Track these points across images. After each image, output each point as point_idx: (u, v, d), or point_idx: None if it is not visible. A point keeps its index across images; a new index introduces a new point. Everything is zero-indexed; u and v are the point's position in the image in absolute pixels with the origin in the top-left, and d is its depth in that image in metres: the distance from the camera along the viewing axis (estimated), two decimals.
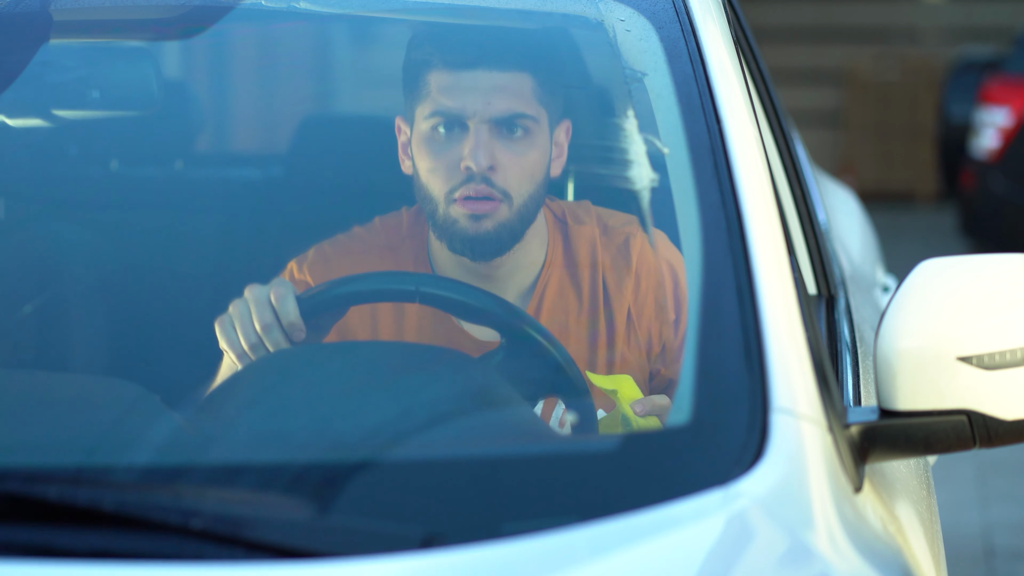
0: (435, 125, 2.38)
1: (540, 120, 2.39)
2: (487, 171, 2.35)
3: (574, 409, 2.28)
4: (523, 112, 2.37)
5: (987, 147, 9.56)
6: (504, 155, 2.36)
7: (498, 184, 2.36)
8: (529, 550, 1.65)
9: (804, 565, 1.69)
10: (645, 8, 2.31)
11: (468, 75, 2.37)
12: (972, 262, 1.98)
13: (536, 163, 2.39)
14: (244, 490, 1.75)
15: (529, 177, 2.39)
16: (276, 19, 2.64)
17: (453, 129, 2.37)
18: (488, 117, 2.36)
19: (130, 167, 3.04)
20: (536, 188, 2.40)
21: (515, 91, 2.38)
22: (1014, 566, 5.27)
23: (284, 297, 2.25)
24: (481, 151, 2.35)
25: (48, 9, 2.49)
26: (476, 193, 2.35)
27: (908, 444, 1.94)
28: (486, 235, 2.37)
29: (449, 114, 2.36)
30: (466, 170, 2.35)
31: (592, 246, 2.49)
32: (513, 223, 2.38)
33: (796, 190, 3.14)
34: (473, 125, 2.36)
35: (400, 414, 1.97)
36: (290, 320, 2.25)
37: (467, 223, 2.36)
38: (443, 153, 2.37)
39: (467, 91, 2.36)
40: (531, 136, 2.38)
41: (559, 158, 2.44)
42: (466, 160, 2.35)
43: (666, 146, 2.13)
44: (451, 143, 2.37)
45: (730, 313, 1.88)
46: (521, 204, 2.38)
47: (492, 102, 2.36)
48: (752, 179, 2.03)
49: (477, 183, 2.35)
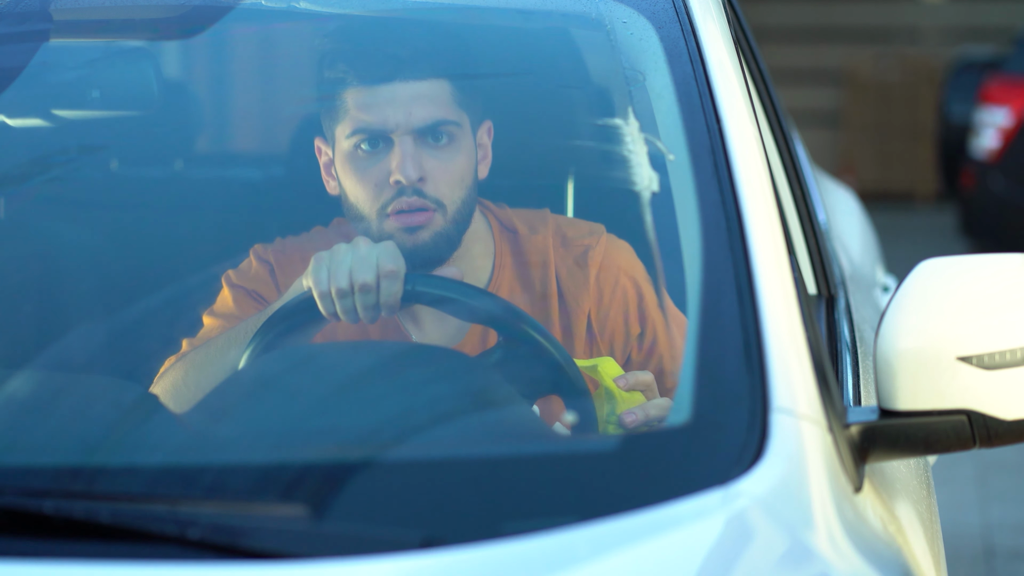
0: (357, 143, 2.36)
1: (463, 124, 2.38)
2: (417, 183, 2.33)
3: (573, 408, 2.28)
4: (445, 119, 2.36)
5: (987, 147, 9.55)
6: (432, 164, 2.35)
7: (430, 194, 2.35)
8: (529, 550, 1.65)
9: (804, 565, 1.69)
10: (645, 8, 2.31)
11: (385, 88, 2.35)
12: (972, 262, 1.98)
13: (464, 168, 2.38)
14: (243, 490, 1.75)
15: (459, 183, 2.37)
16: (276, 19, 2.64)
17: (377, 145, 2.35)
18: (411, 128, 2.34)
19: (130, 167, 3.04)
20: (467, 192, 2.39)
21: (434, 98, 2.36)
22: (1014, 566, 5.27)
23: (393, 277, 2.24)
24: (409, 163, 2.33)
25: (48, 9, 2.49)
26: (409, 206, 2.34)
27: (908, 444, 1.94)
28: (424, 246, 2.35)
29: (371, 130, 2.35)
30: (395, 184, 2.34)
31: (544, 256, 2.47)
32: (449, 231, 2.37)
33: (796, 190, 3.14)
34: (397, 138, 2.34)
35: (399, 414, 1.97)
36: (389, 302, 2.24)
37: (403, 237, 2.34)
38: (369, 169, 2.35)
39: (386, 104, 2.34)
40: (456, 142, 2.37)
41: (485, 159, 2.43)
42: (395, 174, 2.33)
43: (666, 146, 2.13)
44: (376, 158, 2.35)
45: (730, 313, 1.88)
46: (455, 211, 2.37)
47: (413, 112, 2.34)
48: (752, 179, 2.03)
49: (408, 196, 2.34)
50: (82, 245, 2.83)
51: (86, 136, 2.83)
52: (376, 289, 2.24)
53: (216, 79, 3.78)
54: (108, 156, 2.96)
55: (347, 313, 2.25)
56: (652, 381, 2.27)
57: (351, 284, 2.24)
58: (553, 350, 2.25)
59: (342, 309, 2.24)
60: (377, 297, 2.24)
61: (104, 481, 1.79)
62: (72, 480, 1.79)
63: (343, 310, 2.24)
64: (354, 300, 2.24)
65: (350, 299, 2.24)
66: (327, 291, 2.24)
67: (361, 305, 2.24)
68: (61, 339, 2.64)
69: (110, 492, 1.76)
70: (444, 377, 2.13)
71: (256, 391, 2.12)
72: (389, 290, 2.24)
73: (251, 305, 2.41)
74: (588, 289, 2.44)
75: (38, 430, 1.94)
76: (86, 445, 1.88)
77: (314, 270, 2.25)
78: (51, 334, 2.63)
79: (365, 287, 2.24)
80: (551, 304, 2.44)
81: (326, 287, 2.24)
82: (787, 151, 3.20)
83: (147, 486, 1.77)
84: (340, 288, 2.24)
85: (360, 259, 2.24)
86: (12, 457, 1.87)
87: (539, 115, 2.67)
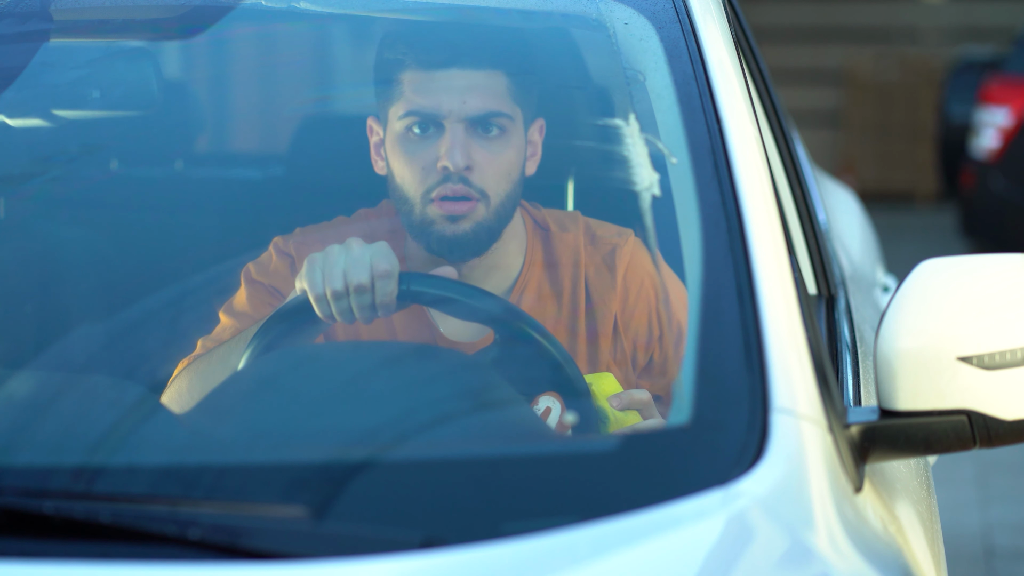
0: (409, 125, 2.36)
1: (515, 119, 2.38)
2: (464, 171, 2.34)
3: (572, 407, 2.28)
4: (499, 111, 2.36)
5: (987, 147, 9.55)
6: (480, 154, 2.35)
7: (475, 184, 2.35)
8: (529, 550, 1.65)
9: (804, 565, 1.69)
10: (645, 8, 2.31)
11: (442, 74, 2.36)
12: (972, 262, 1.98)
13: (512, 162, 2.38)
14: (243, 490, 1.75)
15: (506, 176, 2.38)
16: (276, 19, 2.64)
17: (428, 129, 2.36)
18: (464, 116, 2.35)
19: (130, 167, 3.04)
20: (512, 187, 2.39)
21: (490, 89, 2.36)
22: (1014, 566, 5.27)
23: (388, 277, 2.24)
24: (458, 150, 2.33)
25: (48, 9, 2.49)
26: (453, 193, 2.34)
27: (908, 444, 1.94)
28: (464, 235, 2.35)
29: (424, 113, 2.35)
30: (443, 170, 2.34)
31: (575, 253, 2.47)
32: (491, 222, 2.37)
33: (796, 190, 3.14)
34: (449, 124, 2.35)
35: (399, 414, 1.97)
36: (384, 302, 2.24)
37: (444, 224, 2.35)
38: (418, 153, 2.36)
39: (442, 90, 2.35)
40: (507, 135, 2.37)
41: (533, 156, 2.43)
42: (443, 160, 2.34)
43: (665, 145, 2.13)
44: (426, 143, 2.36)
45: (730, 313, 1.88)
46: (498, 203, 2.37)
47: (467, 101, 2.34)
48: (752, 179, 2.02)
49: (454, 183, 2.34)
50: (82, 245, 2.83)
51: (86, 136, 2.83)
52: (371, 290, 2.24)
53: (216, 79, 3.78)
54: (108, 156, 2.96)
55: (343, 315, 2.25)
56: (649, 400, 2.26)
57: (346, 286, 2.24)
58: (551, 348, 2.25)
59: (338, 311, 2.24)
60: (373, 298, 2.24)
61: (104, 481, 1.79)
62: (72, 480, 1.79)
63: (339, 312, 2.24)
64: (350, 302, 2.24)
65: (346, 301, 2.24)
66: (322, 294, 2.24)
67: (357, 306, 2.24)
68: (62, 339, 2.64)
69: (110, 492, 1.76)
70: (444, 377, 2.13)
71: (256, 391, 2.12)
72: (384, 290, 2.24)
73: (266, 303, 2.41)
74: (615, 289, 2.44)
75: (38, 430, 1.94)
76: (86, 445, 1.88)
77: (308, 272, 2.25)
78: (51, 334, 2.63)
79: (360, 288, 2.24)
80: (579, 302, 2.44)
81: (321, 290, 2.24)
82: (787, 151, 3.21)
83: (147, 486, 1.77)
84: (335, 290, 2.24)
85: (354, 260, 2.24)
86: (12, 457, 1.86)
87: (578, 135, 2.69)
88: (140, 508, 1.72)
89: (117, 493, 1.76)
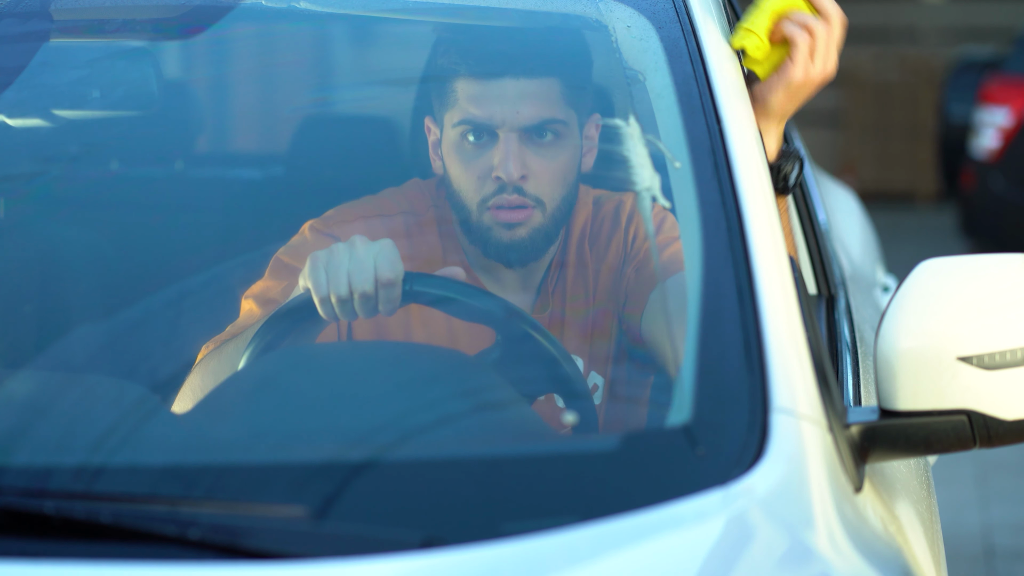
0: (464, 133, 2.38)
1: (570, 123, 2.40)
2: (519, 180, 2.35)
3: (572, 407, 2.28)
4: (553, 118, 2.38)
5: (987, 147, 9.55)
6: (535, 162, 2.36)
7: (530, 192, 2.36)
8: (529, 550, 1.64)
9: (804, 565, 1.69)
10: (645, 8, 2.31)
11: (496, 84, 2.37)
12: (972, 262, 1.98)
13: (567, 166, 2.40)
14: (243, 490, 1.75)
15: (561, 181, 2.39)
16: (276, 19, 2.64)
17: (482, 138, 2.37)
18: (518, 126, 2.36)
19: (130, 167, 3.04)
20: (568, 190, 2.41)
21: (544, 97, 2.37)
22: (1014, 566, 5.27)
23: (392, 287, 2.23)
24: (512, 161, 2.35)
25: (48, 9, 2.48)
26: (509, 203, 2.36)
27: (908, 444, 1.94)
28: (521, 242, 2.38)
29: (477, 123, 2.36)
30: (497, 180, 2.36)
31: (585, 222, 2.48)
32: (548, 228, 2.39)
33: (796, 190, 3.14)
34: (503, 134, 2.36)
35: (399, 414, 1.97)
36: (387, 308, 2.24)
37: (501, 231, 2.37)
38: (473, 161, 2.37)
39: (495, 100, 2.36)
40: (561, 139, 2.38)
41: (590, 152, 2.45)
42: (497, 170, 2.35)
43: (665, 145, 2.13)
44: (481, 151, 2.37)
45: (730, 313, 1.88)
46: (554, 208, 2.39)
47: (521, 111, 2.36)
48: (752, 179, 2.02)
49: (509, 193, 2.35)
50: (82, 245, 2.83)
51: (86, 136, 2.83)
52: (375, 296, 2.23)
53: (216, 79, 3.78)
54: (108, 156, 2.96)
55: (347, 316, 2.25)
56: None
57: (350, 291, 2.23)
58: (552, 349, 2.25)
59: (341, 312, 2.24)
60: (376, 302, 2.24)
61: (104, 481, 1.79)
62: (72, 480, 1.79)
63: (342, 313, 2.24)
64: (353, 304, 2.23)
65: (349, 304, 2.23)
66: (326, 296, 2.23)
67: (361, 308, 2.24)
68: (61, 339, 2.64)
69: (110, 492, 1.76)
70: (444, 377, 2.13)
71: (256, 391, 2.12)
72: (387, 297, 2.24)
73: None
74: (620, 232, 2.45)
75: (38, 430, 1.94)
76: (86, 445, 1.88)
77: (312, 273, 2.24)
78: (51, 334, 2.63)
79: (364, 295, 2.23)
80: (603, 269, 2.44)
81: (325, 292, 2.23)
82: None
83: (147, 486, 1.77)
84: (340, 296, 2.23)
85: (358, 263, 2.23)
86: (12, 457, 1.86)
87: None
88: (140, 508, 1.72)
89: (117, 493, 1.75)
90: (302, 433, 1.95)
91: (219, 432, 2.02)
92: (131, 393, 2.12)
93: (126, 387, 2.21)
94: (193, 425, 2.06)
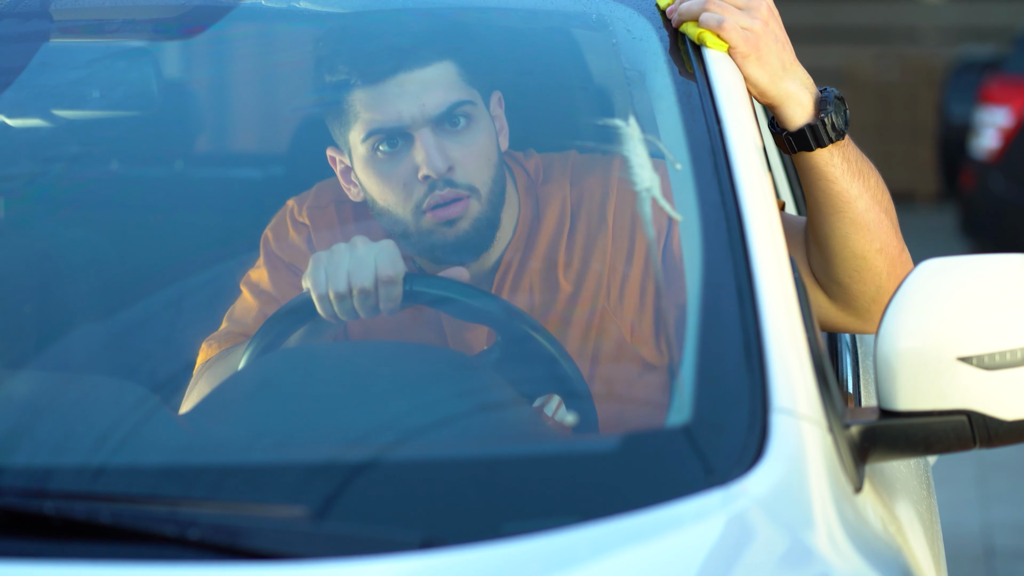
0: (375, 145, 2.30)
1: (476, 101, 2.32)
2: (447, 173, 2.28)
3: (572, 407, 2.27)
4: (459, 99, 2.30)
5: (987, 147, 9.55)
6: (456, 151, 2.29)
7: (460, 182, 2.29)
8: (529, 550, 1.64)
9: (804, 565, 1.69)
10: (645, 8, 2.31)
11: (391, 83, 2.29)
12: (972, 262, 1.98)
13: (488, 146, 2.33)
14: (243, 490, 1.75)
15: (487, 162, 2.32)
16: (276, 19, 2.63)
17: (396, 143, 2.29)
18: (428, 118, 2.28)
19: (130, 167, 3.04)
20: (496, 170, 2.33)
21: (443, 82, 2.30)
22: (1014, 566, 5.27)
23: (392, 284, 2.21)
24: (435, 155, 2.27)
25: (48, 9, 2.49)
26: (443, 199, 2.28)
27: (908, 444, 1.94)
28: (466, 235, 2.30)
29: (386, 129, 2.29)
30: (425, 179, 2.28)
31: (562, 203, 2.39)
32: (488, 214, 2.32)
33: (796, 190, 3.14)
34: (416, 132, 2.28)
35: (399, 414, 1.97)
36: (388, 307, 2.22)
37: (444, 231, 2.29)
38: (393, 171, 2.30)
39: (396, 99, 2.28)
40: (474, 122, 2.31)
41: (502, 131, 2.37)
42: (422, 169, 2.27)
43: (665, 145, 2.13)
44: (398, 158, 2.29)
45: (730, 313, 1.88)
46: (488, 192, 2.31)
47: (426, 101, 2.28)
48: (752, 179, 2.02)
49: (441, 189, 2.28)
50: (82, 245, 2.83)
51: (86, 136, 2.83)
52: (375, 293, 2.22)
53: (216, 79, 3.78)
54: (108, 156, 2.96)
55: (347, 315, 2.24)
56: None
57: (349, 288, 2.22)
58: (552, 349, 2.25)
59: (341, 311, 2.23)
60: (376, 300, 2.23)
61: (104, 481, 1.79)
62: (72, 480, 1.79)
63: (342, 312, 2.23)
64: (353, 303, 2.22)
65: (349, 302, 2.22)
66: (325, 294, 2.22)
67: (360, 307, 2.23)
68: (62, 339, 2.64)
69: (110, 492, 1.76)
70: (444, 377, 2.13)
71: (256, 391, 2.12)
72: (388, 295, 2.22)
73: (289, 283, 2.37)
74: (607, 226, 2.38)
75: (38, 430, 1.94)
76: (86, 445, 1.88)
77: (312, 272, 2.23)
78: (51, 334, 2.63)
79: (364, 292, 2.22)
80: (575, 250, 2.38)
81: (324, 290, 2.22)
82: None
83: (147, 486, 1.77)
84: (338, 292, 2.22)
85: (358, 262, 2.22)
86: (12, 457, 1.86)
87: (540, 112, 2.66)
88: (140, 508, 1.72)
89: (117, 493, 1.76)
90: (302, 433, 1.95)
91: (219, 432, 2.02)
92: (131, 393, 2.12)
93: (126, 387, 2.21)
94: (193, 425, 2.06)
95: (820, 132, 2.25)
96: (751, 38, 2.21)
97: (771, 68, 2.23)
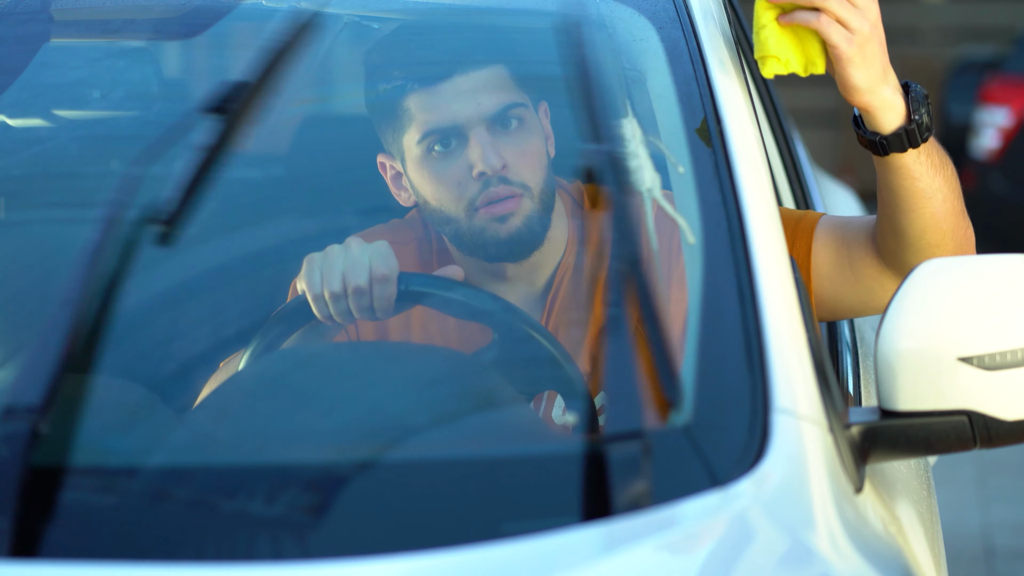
0: (430, 145, 2.34)
1: (528, 105, 2.37)
2: (501, 170, 2.32)
3: (571, 406, 2.27)
4: (512, 101, 2.35)
5: (987, 147, 9.55)
6: (509, 152, 2.34)
7: (514, 180, 2.33)
8: (529, 550, 1.64)
9: (805, 566, 1.69)
10: (645, 8, 2.31)
11: (447, 86, 2.34)
12: (972, 262, 1.98)
13: (539, 148, 2.37)
14: (243, 491, 1.75)
15: (539, 164, 2.36)
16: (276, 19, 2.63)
17: (450, 143, 2.33)
18: (483, 117, 2.33)
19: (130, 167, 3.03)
20: (547, 173, 2.38)
21: (497, 84, 2.35)
22: (1014, 566, 5.27)
23: (386, 282, 2.22)
24: (490, 152, 2.31)
25: (48, 9, 2.48)
26: (498, 196, 2.32)
27: (908, 444, 1.94)
28: (518, 232, 2.34)
29: (442, 130, 2.33)
30: (480, 176, 2.32)
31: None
32: (539, 212, 2.35)
33: (796, 190, 3.14)
34: (471, 131, 2.33)
35: (399, 414, 1.96)
36: (382, 306, 2.23)
37: (496, 227, 2.33)
38: (448, 170, 2.34)
39: (452, 100, 2.33)
40: (526, 123, 2.36)
41: (549, 139, 2.42)
42: (477, 166, 2.32)
43: (665, 145, 2.13)
44: (453, 157, 2.34)
45: (730, 313, 1.88)
46: (539, 192, 2.35)
47: (481, 102, 2.33)
48: (752, 179, 2.02)
49: (495, 186, 2.32)
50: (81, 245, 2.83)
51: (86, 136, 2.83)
52: (369, 292, 2.23)
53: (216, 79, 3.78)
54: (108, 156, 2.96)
55: (342, 315, 2.25)
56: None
57: (344, 287, 2.23)
58: (551, 347, 2.25)
59: (336, 312, 2.24)
60: (371, 300, 2.24)
61: (104, 481, 1.79)
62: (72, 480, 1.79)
63: (337, 312, 2.24)
64: (348, 303, 2.23)
65: (344, 302, 2.23)
66: (320, 294, 2.23)
67: (356, 307, 2.24)
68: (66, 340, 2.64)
69: (110, 492, 1.76)
70: (443, 377, 2.13)
71: (256, 392, 2.12)
72: (382, 294, 2.23)
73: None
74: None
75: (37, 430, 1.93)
76: (86, 445, 1.88)
77: (306, 272, 2.25)
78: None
79: (358, 290, 2.23)
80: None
81: (319, 290, 2.23)
82: (787, 151, 3.21)
83: (147, 486, 1.77)
84: (333, 292, 2.23)
85: (353, 261, 2.23)
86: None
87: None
88: (140, 508, 1.72)
89: (117, 493, 1.75)
90: (302, 433, 1.95)
91: (219, 432, 2.02)
92: (130, 393, 2.12)
93: (125, 387, 2.20)
94: (193, 425, 2.06)
95: (916, 135, 2.25)
96: (858, 40, 2.20)
97: (873, 73, 2.22)
